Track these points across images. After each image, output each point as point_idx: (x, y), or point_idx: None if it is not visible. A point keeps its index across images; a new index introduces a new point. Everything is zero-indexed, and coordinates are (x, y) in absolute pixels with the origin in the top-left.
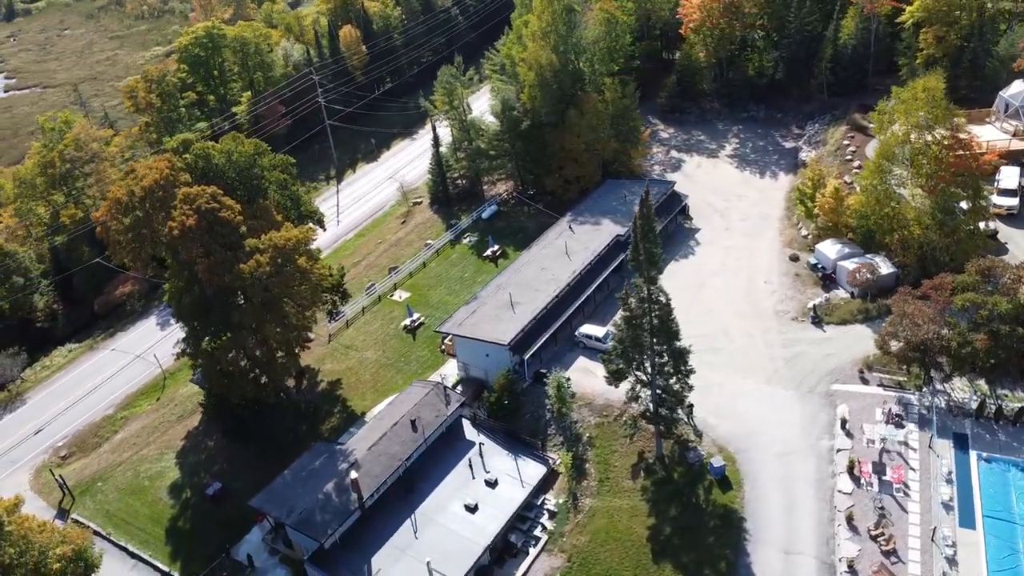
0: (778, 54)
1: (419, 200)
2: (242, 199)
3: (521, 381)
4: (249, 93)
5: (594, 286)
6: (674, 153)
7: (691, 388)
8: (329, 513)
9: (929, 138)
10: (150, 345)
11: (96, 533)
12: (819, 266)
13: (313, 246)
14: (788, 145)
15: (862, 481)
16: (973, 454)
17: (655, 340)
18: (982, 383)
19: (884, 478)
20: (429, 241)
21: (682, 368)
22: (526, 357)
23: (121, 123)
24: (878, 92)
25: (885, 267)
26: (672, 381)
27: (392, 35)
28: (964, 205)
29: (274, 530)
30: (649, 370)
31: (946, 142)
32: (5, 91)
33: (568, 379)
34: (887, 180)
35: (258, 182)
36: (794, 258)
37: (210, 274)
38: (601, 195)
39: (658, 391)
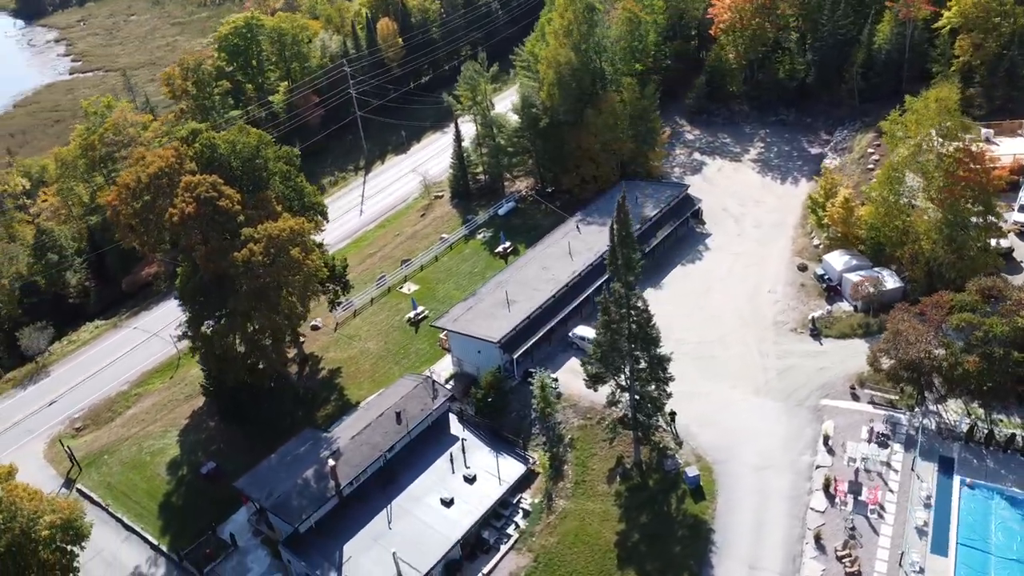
0: (810, 57)
1: (441, 194)
2: (245, 189)
3: (510, 379)
4: (286, 83)
5: (593, 288)
6: (697, 155)
7: (669, 395)
8: (306, 498)
9: (941, 151)
10: (165, 325)
11: (96, 504)
12: (826, 277)
13: (332, 236)
14: (814, 151)
15: (837, 500)
16: (957, 479)
17: (633, 346)
18: (977, 406)
19: (860, 498)
20: (444, 235)
21: (660, 375)
22: (516, 356)
23: (165, 110)
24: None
25: (892, 281)
26: (651, 388)
27: (430, 28)
28: (978, 220)
29: (258, 512)
30: (628, 375)
31: (958, 155)
32: (71, 73)
33: (555, 379)
34: (898, 192)
35: (261, 173)
36: (802, 268)
37: (207, 260)
38: (614, 196)
39: (636, 397)
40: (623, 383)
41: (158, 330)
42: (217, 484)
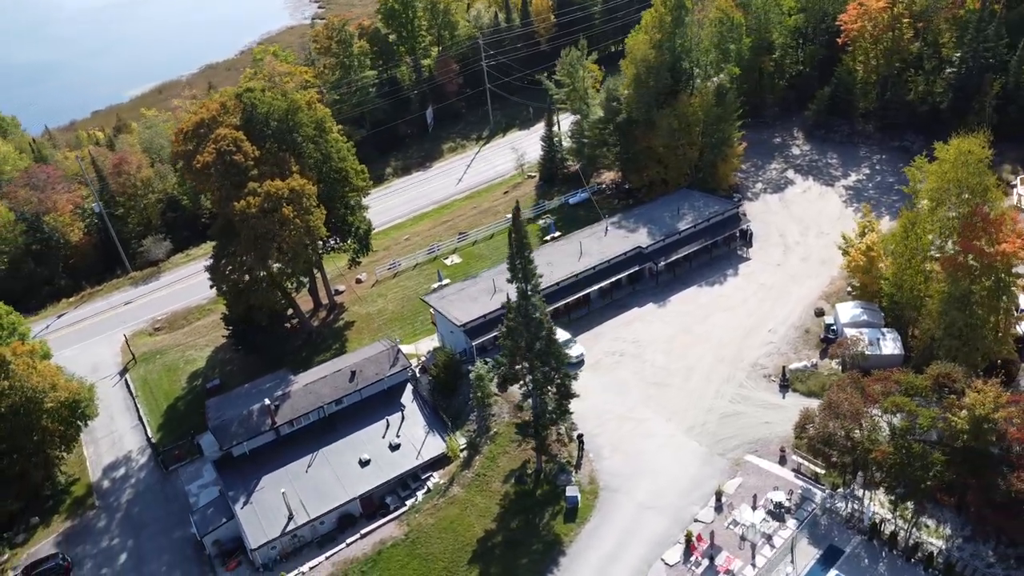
0: (947, 80)
1: (533, 175)
2: (280, 148)
3: (467, 363)
4: (437, 48)
5: (588, 291)
6: (791, 173)
7: (564, 411)
8: (244, 428)
9: (952, 213)
10: None
11: (130, 392)
12: (833, 327)
13: (423, 201)
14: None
15: (692, 558)
16: (833, 573)
17: (530, 355)
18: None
19: (714, 562)
20: (508, 215)
21: (559, 389)
22: (475, 342)
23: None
24: None
25: (891, 347)
26: (548, 399)
27: (588, 5)
28: (987, 301)
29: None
30: (528, 384)
31: (968, 219)
32: (311, 18)
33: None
34: (914, 249)
35: (292, 135)
36: (819, 313)
37: (216, 206)
38: (664, 203)
39: (537, 406)
40: (524, 390)
41: None
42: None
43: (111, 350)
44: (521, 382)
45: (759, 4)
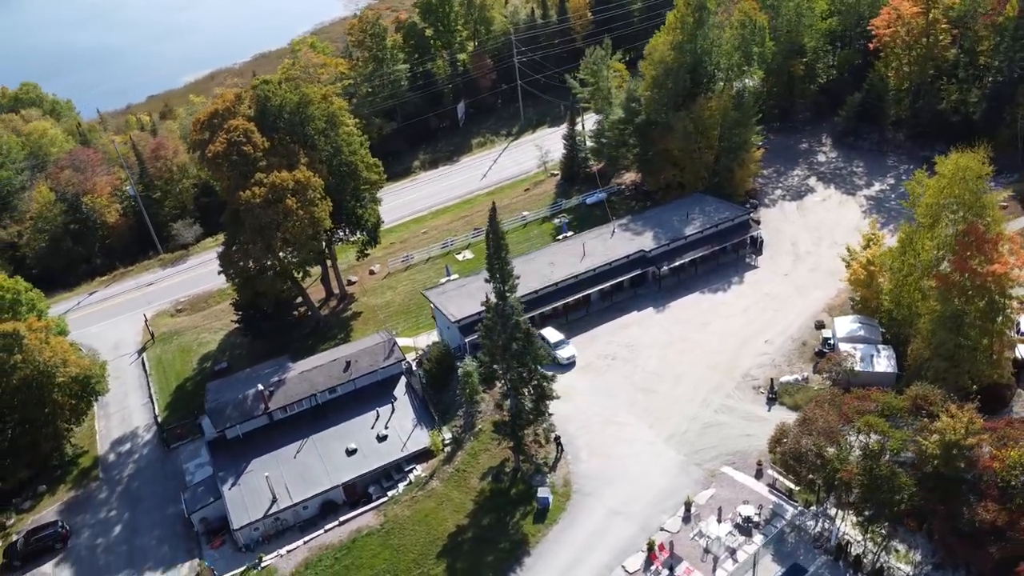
0: (981, 90)
1: (556, 173)
2: (284, 140)
3: (460, 359)
4: (473, 43)
5: (586, 293)
6: (812, 180)
7: (542, 412)
8: (238, 411)
9: (951, 230)
10: None
11: (144, 371)
12: (829, 341)
13: (446, 196)
14: None
15: (652, 567)
16: None
17: (506, 355)
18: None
19: (674, 573)
20: (525, 213)
21: (537, 391)
22: (469, 339)
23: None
24: None
25: (884, 365)
26: (525, 400)
27: (627, 3)
28: (979, 323)
29: None
30: (506, 383)
31: (960, 237)
32: (359, 9)
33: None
34: (912, 266)
35: (303, 128)
36: (819, 325)
37: (225, 195)
38: (675, 207)
39: (515, 406)
40: (503, 390)
41: None
42: None
43: (134, 329)
44: (499, 382)
45: (790, 7)
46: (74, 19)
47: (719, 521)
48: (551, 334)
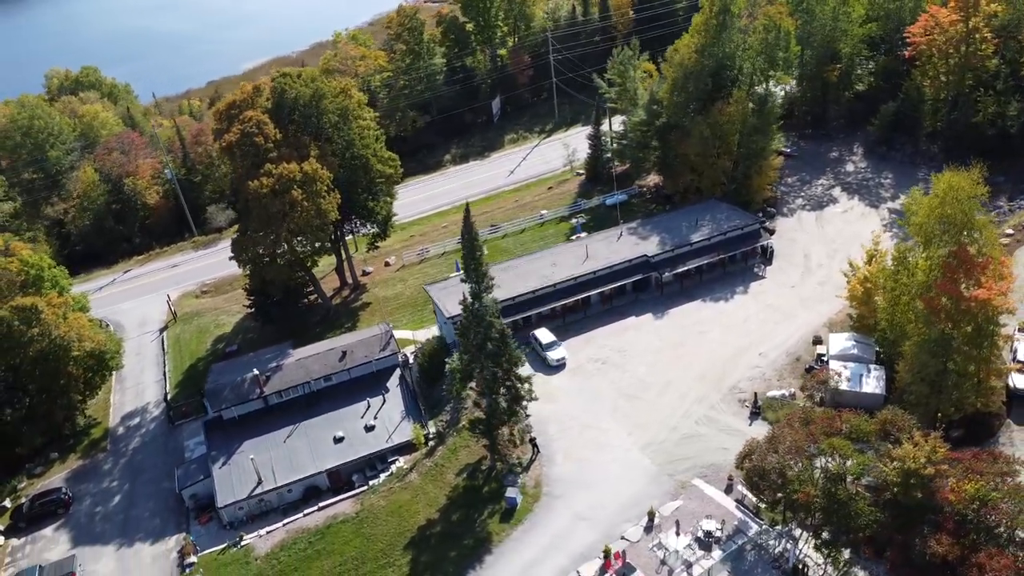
0: (1021, 103)
1: (581, 173)
2: (297, 131)
3: (451, 355)
4: (513, 39)
5: (585, 296)
6: (836, 190)
7: (515, 413)
8: (235, 394)
9: (944, 250)
10: None
11: (162, 349)
12: (823, 358)
13: (474, 190)
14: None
15: (606, 574)
16: None
17: (480, 354)
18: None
19: None
20: (543, 211)
21: (512, 391)
22: None
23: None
24: None
25: (873, 385)
26: (499, 399)
27: (670, 1)
28: (963, 349)
29: None
30: (484, 383)
31: (948, 259)
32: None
33: None
34: (904, 285)
35: (317, 120)
36: (816, 341)
37: (236, 184)
38: (686, 213)
39: (491, 405)
40: (479, 389)
41: None
42: None
43: (160, 308)
44: (475, 380)
45: (826, 11)
46: (154, 5)
47: (677, 534)
48: (543, 335)
